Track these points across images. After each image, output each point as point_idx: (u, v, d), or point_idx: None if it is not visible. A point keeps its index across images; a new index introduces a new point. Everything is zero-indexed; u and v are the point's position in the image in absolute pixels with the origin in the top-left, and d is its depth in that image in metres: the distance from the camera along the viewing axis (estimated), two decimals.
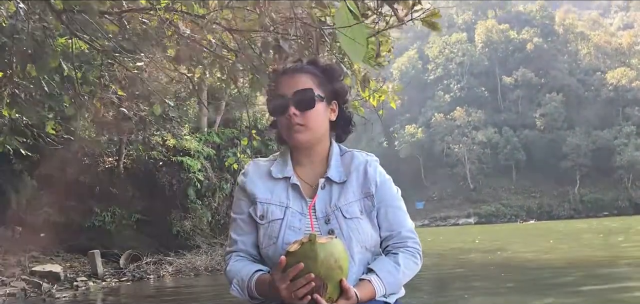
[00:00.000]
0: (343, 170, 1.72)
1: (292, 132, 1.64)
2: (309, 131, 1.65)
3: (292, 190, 1.69)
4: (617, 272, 8.23)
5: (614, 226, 29.46)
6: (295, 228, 1.64)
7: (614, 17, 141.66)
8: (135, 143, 13.85)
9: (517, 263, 10.36)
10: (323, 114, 1.69)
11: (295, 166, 1.73)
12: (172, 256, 12.56)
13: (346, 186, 1.69)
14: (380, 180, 1.72)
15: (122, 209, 13.53)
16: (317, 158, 1.73)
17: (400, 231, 1.72)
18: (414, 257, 1.71)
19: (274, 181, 1.71)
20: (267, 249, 1.66)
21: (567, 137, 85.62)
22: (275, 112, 1.69)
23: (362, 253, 1.65)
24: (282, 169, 1.72)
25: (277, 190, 1.69)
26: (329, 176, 1.69)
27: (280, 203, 1.67)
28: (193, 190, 13.66)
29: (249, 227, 1.71)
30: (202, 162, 14.11)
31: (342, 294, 1.49)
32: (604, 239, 17.63)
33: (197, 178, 13.61)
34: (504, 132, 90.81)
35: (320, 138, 1.71)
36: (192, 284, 10.42)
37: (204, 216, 13.90)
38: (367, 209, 1.69)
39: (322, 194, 1.68)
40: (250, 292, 1.61)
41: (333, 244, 1.47)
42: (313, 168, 1.74)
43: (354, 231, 1.64)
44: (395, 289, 1.67)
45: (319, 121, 1.68)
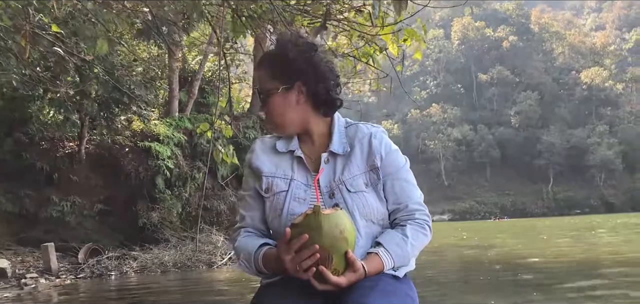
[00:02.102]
0: (347, 142, 1.71)
1: (270, 126, 1.72)
2: (273, 122, 1.69)
3: (297, 163, 1.70)
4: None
5: (598, 221, 29.26)
6: (300, 198, 1.65)
7: (586, 17, 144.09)
8: (99, 126, 12.69)
9: (529, 262, 9.62)
10: (281, 103, 1.68)
11: (300, 141, 1.73)
12: (137, 251, 11.46)
13: (350, 158, 1.68)
14: (385, 152, 1.69)
15: (83, 198, 12.36)
16: (315, 136, 1.73)
17: (408, 203, 1.69)
18: (423, 229, 1.68)
19: (279, 156, 1.72)
20: (273, 222, 1.68)
21: (542, 135, 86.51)
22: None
23: (368, 226, 1.64)
24: (287, 143, 1.73)
25: (282, 164, 1.71)
26: (331, 150, 1.68)
27: (284, 176, 1.68)
28: (162, 179, 12.54)
29: (256, 202, 1.73)
30: (172, 148, 13.00)
31: (349, 267, 1.46)
32: (601, 235, 17.13)
33: (166, 166, 12.50)
34: (479, 129, 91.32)
35: (292, 123, 1.69)
36: (159, 282, 9.38)
37: (173, 208, 12.79)
38: (372, 182, 1.67)
39: (326, 168, 1.68)
40: (258, 266, 1.62)
41: (338, 215, 1.44)
42: (316, 144, 1.73)
43: (358, 204, 1.62)
44: (404, 262, 1.64)
45: (279, 111, 1.68)
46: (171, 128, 13.45)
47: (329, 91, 1.69)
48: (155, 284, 9.06)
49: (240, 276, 9.80)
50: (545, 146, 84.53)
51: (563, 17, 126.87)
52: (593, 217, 46.51)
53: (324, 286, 1.43)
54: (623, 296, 5.29)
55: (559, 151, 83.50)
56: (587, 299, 5.09)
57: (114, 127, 12.28)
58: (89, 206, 12.40)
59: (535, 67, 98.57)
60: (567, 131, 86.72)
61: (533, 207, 79.62)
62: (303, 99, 1.66)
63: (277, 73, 1.65)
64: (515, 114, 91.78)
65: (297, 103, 1.66)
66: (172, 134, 13.22)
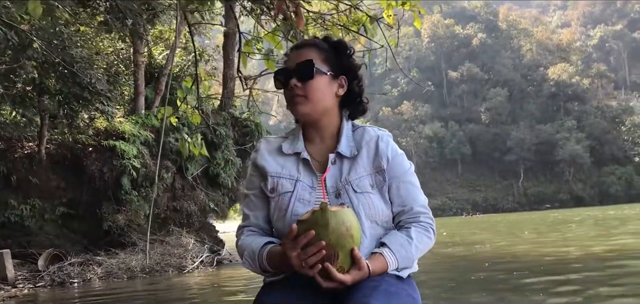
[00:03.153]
0: (354, 145, 1.72)
1: (293, 104, 1.67)
2: (310, 102, 1.67)
3: (303, 165, 1.71)
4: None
5: (583, 215, 29.43)
6: (304, 200, 1.65)
7: (552, 15, 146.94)
8: (60, 125, 11.96)
9: (528, 258, 9.31)
10: (326, 87, 1.70)
11: (306, 142, 1.75)
12: (102, 256, 10.81)
13: (357, 160, 1.69)
14: (392, 155, 1.71)
15: (44, 201, 11.64)
16: (327, 134, 1.74)
17: (413, 206, 1.70)
18: (427, 232, 1.69)
19: (285, 157, 1.73)
20: (277, 222, 1.68)
21: (511, 131, 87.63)
22: (279, 84, 1.73)
23: (373, 227, 1.65)
24: (293, 145, 1.74)
25: (287, 165, 1.72)
26: (339, 151, 1.69)
27: (290, 176, 1.69)
28: (127, 179, 11.88)
29: (261, 202, 1.74)
30: (139, 147, 12.34)
31: (354, 264, 1.46)
32: (576, 229, 17.04)
33: (132, 166, 11.84)
34: (450, 126, 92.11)
35: (324, 111, 1.71)
36: (125, 288, 8.77)
37: (140, 209, 12.14)
38: (378, 184, 1.68)
39: (333, 169, 1.69)
40: (262, 264, 1.62)
41: (344, 213, 1.44)
42: (323, 144, 1.74)
43: (364, 205, 1.63)
44: (408, 263, 1.64)
45: (320, 93, 1.68)
46: (137, 126, 12.79)
47: (362, 95, 1.77)
48: (122, 291, 8.45)
49: (213, 280, 9.26)
50: (515, 141, 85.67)
51: (530, 15, 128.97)
52: (566, 212, 47.07)
53: (328, 283, 1.43)
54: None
55: (529, 147, 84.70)
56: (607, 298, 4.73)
57: (76, 125, 11.59)
58: (50, 209, 11.69)
59: (504, 64, 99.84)
60: (536, 126, 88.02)
61: (504, 203, 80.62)
62: (340, 93, 1.72)
63: (329, 59, 1.69)
64: (485, 111, 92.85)
65: (336, 96, 1.71)
66: (138, 132, 12.56)
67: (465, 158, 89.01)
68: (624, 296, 4.61)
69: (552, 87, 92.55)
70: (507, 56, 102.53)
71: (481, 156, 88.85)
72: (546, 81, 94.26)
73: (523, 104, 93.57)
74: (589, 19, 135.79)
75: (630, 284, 5.30)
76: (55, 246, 11.03)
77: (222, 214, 15.00)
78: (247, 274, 10.06)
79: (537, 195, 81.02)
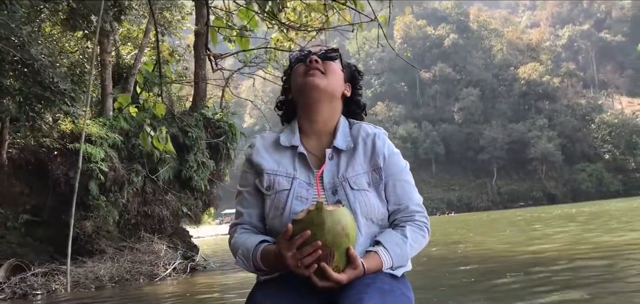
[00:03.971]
0: (350, 139, 1.73)
1: (309, 75, 1.69)
2: (326, 78, 1.70)
3: (299, 160, 1.70)
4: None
5: (557, 212, 29.59)
6: (302, 197, 1.64)
7: (522, 15, 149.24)
8: (22, 128, 11.36)
9: (521, 257, 9.08)
10: (340, 77, 1.77)
11: (303, 136, 1.75)
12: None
13: (354, 157, 1.70)
14: (388, 153, 1.73)
15: (6, 208, 11.03)
16: (324, 128, 1.74)
17: (408, 204, 1.71)
18: (422, 230, 1.69)
19: (281, 152, 1.73)
20: (273, 220, 1.66)
21: (484, 130, 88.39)
22: (296, 59, 1.77)
23: (369, 225, 1.65)
24: (290, 138, 1.73)
25: (284, 161, 1.71)
26: (335, 145, 1.70)
27: (287, 174, 1.68)
28: (95, 184, 11.32)
29: (254, 199, 1.72)
30: (107, 150, 11.80)
31: (349, 263, 1.46)
32: (567, 223, 17.02)
33: (100, 169, 11.28)
34: (424, 126, 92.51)
35: (333, 95, 1.74)
36: (93, 299, 8.27)
37: (109, 215, 11.59)
38: (374, 182, 1.68)
39: (330, 164, 1.69)
40: (256, 263, 1.60)
41: (340, 212, 1.43)
42: (320, 139, 1.75)
43: (360, 203, 1.63)
44: (403, 262, 1.64)
45: (337, 77, 1.74)
46: (105, 128, 12.25)
47: (361, 104, 1.87)
48: (90, 302, 7.95)
49: (186, 288, 8.82)
50: (488, 140, 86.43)
51: (500, 15, 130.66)
52: (541, 209, 47.53)
53: (324, 283, 1.43)
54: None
55: (501, 145, 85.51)
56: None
57: (38, 127, 10.99)
58: (12, 216, 11.07)
59: (475, 64, 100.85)
60: (508, 125, 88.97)
61: (478, 202, 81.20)
62: (347, 92, 1.80)
63: (343, 65, 1.81)
64: (458, 111, 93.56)
65: (343, 93, 1.78)
66: (106, 134, 12.02)
67: (439, 158, 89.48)
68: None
69: (523, 86, 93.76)
70: (479, 56, 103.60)
71: (455, 156, 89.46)
72: (517, 80, 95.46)
73: (495, 104, 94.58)
74: (557, 19, 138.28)
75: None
76: (17, 256, 10.41)
77: (196, 218, 14.50)
78: (222, 280, 9.63)
79: (511, 193, 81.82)
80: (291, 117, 1.83)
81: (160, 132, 2.74)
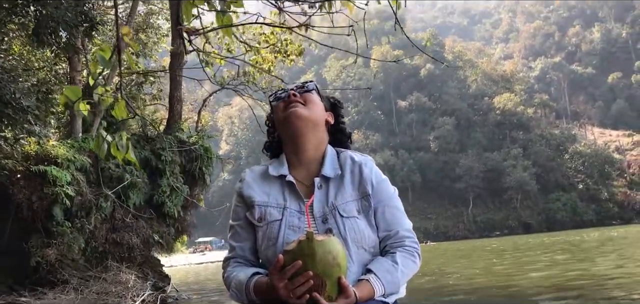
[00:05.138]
0: (338, 167, 1.75)
1: (290, 108, 1.72)
2: (307, 108, 1.73)
3: (289, 189, 1.71)
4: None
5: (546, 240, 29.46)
6: (294, 226, 1.65)
7: (495, 47, 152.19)
8: None
9: (509, 287, 8.66)
10: (321, 106, 1.80)
11: (291, 167, 1.76)
12: (28, 297, 9.49)
13: (343, 185, 1.71)
14: (376, 180, 1.74)
15: None
16: (312, 157, 1.76)
17: (398, 230, 1.71)
18: (412, 256, 1.69)
19: (270, 183, 1.74)
20: (266, 251, 1.67)
21: (460, 159, 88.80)
22: (276, 99, 1.80)
23: (360, 253, 1.65)
24: (278, 168, 1.76)
25: (273, 192, 1.72)
26: (324, 174, 1.72)
27: (277, 204, 1.69)
28: (60, 209, 10.58)
29: (246, 233, 1.74)
30: (74, 173, 11.09)
31: (341, 293, 1.47)
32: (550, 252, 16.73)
33: (65, 193, 10.56)
34: (400, 154, 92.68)
35: (317, 123, 1.76)
36: None
37: (75, 242, 10.83)
38: (364, 209, 1.70)
39: (319, 193, 1.70)
40: (249, 295, 1.61)
41: (331, 242, 1.44)
42: (308, 169, 1.76)
43: (350, 230, 1.64)
44: (394, 289, 1.64)
45: (317, 105, 1.77)
46: (72, 150, 11.54)
47: (346, 131, 1.93)
48: None
49: None
50: (464, 169, 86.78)
51: (474, 47, 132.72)
52: (518, 238, 47.57)
53: None
54: None
55: (477, 174, 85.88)
56: None
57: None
58: None
59: (451, 94, 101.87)
60: (483, 154, 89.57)
61: (455, 231, 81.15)
62: (330, 120, 1.86)
63: (321, 96, 1.87)
64: (434, 139, 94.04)
65: (326, 121, 1.83)
66: (74, 156, 11.31)
67: (416, 186, 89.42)
68: None
69: (498, 116, 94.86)
70: (454, 86, 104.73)
71: (431, 184, 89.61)
72: (492, 110, 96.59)
73: (470, 133, 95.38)
74: (530, 52, 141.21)
75: None
76: None
77: (168, 246, 13.75)
78: None
79: (487, 222, 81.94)
80: (278, 154, 1.83)
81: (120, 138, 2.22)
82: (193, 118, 18.19)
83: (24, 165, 10.97)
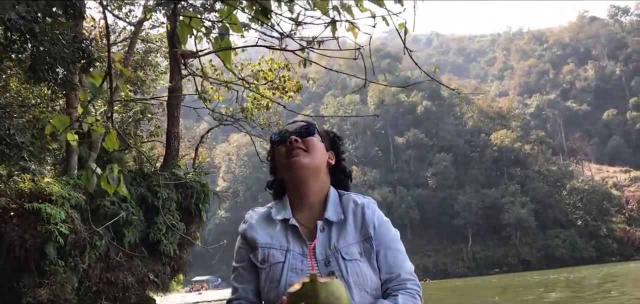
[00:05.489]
0: (340, 210, 1.76)
1: (292, 156, 1.73)
2: (309, 154, 1.74)
3: (292, 232, 1.72)
4: None
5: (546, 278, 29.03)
6: (297, 269, 1.66)
7: (490, 85, 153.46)
8: None
9: None
10: (322, 149, 1.80)
11: (294, 210, 1.76)
12: None
13: (345, 227, 1.72)
14: (378, 222, 1.75)
15: None
16: (314, 200, 1.76)
17: (400, 273, 1.72)
18: (414, 298, 1.69)
19: (273, 225, 1.75)
20: (268, 293, 1.67)
21: (458, 195, 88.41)
22: (276, 141, 1.81)
23: (362, 296, 1.65)
24: (281, 211, 1.76)
25: (276, 234, 1.73)
26: (327, 217, 1.72)
27: (280, 246, 1.70)
28: (53, 247, 10.40)
29: (249, 274, 1.74)
30: (68, 211, 10.91)
31: None
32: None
33: (59, 231, 10.38)
34: (399, 191, 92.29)
35: (319, 169, 1.77)
36: None
37: (68, 282, 10.63)
38: (366, 252, 1.71)
39: (322, 236, 1.71)
40: None
41: (334, 284, 1.44)
42: (311, 212, 1.76)
43: (353, 273, 1.64)
44: None
45: (319, 150, 1.78)
46: (68, 187, 11.39)
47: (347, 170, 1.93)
48: None
49: None
50: (462, 206, 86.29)
51: (470, 84, 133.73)
52: (519, 276, 46.97)
53: None
54: None
55: (475, 211, 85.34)
56: None
57: None
58: None
59: (448, 130, 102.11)
60: (481, 190, 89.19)
61: (454, 268, 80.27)
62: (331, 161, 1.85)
63: (322, 135, 1.87)
64: (432, 176, 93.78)
65: (327, 162, 1.83)
66: (69, 193, 11.14)
67: (414, 223, 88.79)
68: None
69: (495, 153, 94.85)
70: (451, 123, 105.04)
71: (430, 221, 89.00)
72: (489, 146, 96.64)
73: (468, 169, 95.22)
74: (525, 89, 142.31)
75: None
76: None
77: (164, 286, 13.48)
78: None
79: (486, 259, 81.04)
80: (281, 193, 1.84)
81: (111, 171, 2.08)
82: (190, 155, 18.06)
83: (18, 202, 10.80)
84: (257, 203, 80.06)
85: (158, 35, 18.61)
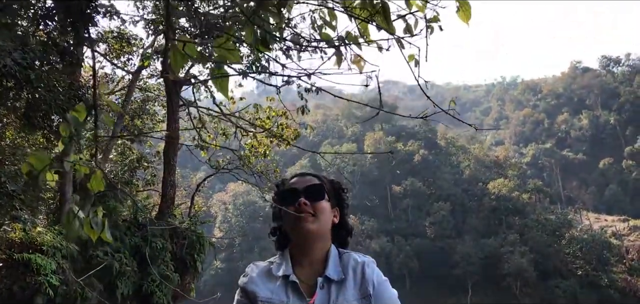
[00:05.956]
0: (341, 269, 1.82)
1: (302, 221, 1.80)
2: (317, 221, 1.82)
3: (292, 288, 1.76)
4: None
5: None
6: None
7: (486, 134, 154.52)
8: None
9: None
10: (329, 212, 1.89)
11: (294, 266, 1.83)
12: None
13: (345, 285, 1.77)
14: (377, 281, 1.81)
15: None
16: (316, 258, 1.83)
17: None
18: None
19: (274, 280, 1.79)
20: None
21: (457, 245, 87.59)
22: (285, 201, 1.85)
23: None
24: (281, 267, 1.81)
25: (277, 289, 1.76)
26: (327, 275, 1.78)
27: (280, 301, 1.74)
28: (42, 299, 10.01)
29: None
30: (59, 261, 10.58)
31: None
32: None
33: (49, 283, 10.02)
34: (397, 241, 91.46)
35: (324, 234, 1.85)
36: None
37: None
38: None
39: (321, 293, 1.75)
40: None
41: None
42: (312, 268, 1.83)
43: None
44: None
45: (326, 214, 1.86)
46: (60, 237, 11.06)
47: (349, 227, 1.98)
48: None
49: None
50: (461, 255, 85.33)
51: (465, 134, 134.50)
52: None
53: None
54: None
55: (475, 261, 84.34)
56: None
57: None
58: None
59: (445, 179, 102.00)
60: (480, 240, 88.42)
61: None
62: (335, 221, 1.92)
63: (329, 190, 1.93)
64: (430, 225, 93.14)
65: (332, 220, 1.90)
66: (60, 243, 10.83)
67: (413, 273, 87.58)
68: None
69: (493, 201, 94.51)
70: (448, 172, 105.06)
71: (429, 271, 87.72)
72: (486, 195, 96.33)
73: (466, 218, 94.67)
74: (520, 138, 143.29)
75: None
76: None
77: None
78: None
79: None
80: (283, 243, 1.89)
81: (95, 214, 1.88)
82: (187, 204, 17.80)
83: (7, 253, 10.47)
84: (253, 253, 79.22)
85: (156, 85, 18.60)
